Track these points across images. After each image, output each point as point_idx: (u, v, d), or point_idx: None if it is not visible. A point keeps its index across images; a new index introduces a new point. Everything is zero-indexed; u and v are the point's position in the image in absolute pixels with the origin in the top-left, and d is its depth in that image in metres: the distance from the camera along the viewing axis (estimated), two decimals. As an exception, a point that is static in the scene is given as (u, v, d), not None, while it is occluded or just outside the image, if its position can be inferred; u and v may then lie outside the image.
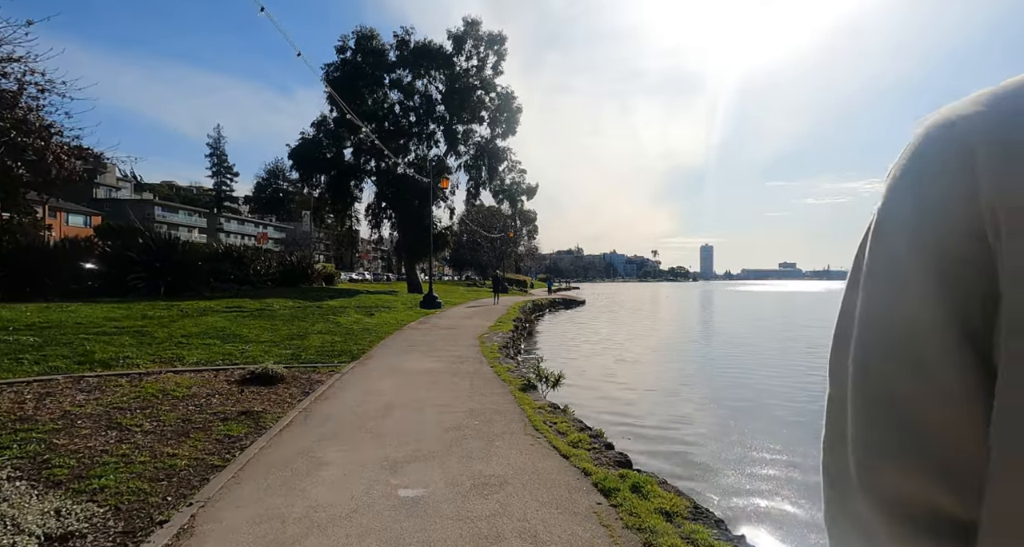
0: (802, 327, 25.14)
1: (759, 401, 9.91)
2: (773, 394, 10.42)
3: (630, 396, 10.13)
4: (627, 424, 8.19)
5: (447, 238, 38.90)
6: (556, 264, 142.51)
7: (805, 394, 10.28)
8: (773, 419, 8.72)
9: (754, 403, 9.77)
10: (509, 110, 40.04)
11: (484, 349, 11.70)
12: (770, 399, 10.00)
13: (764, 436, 7.72)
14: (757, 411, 9.22)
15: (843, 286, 0.47)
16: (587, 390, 10.31)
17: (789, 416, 8.85)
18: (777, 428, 8.18)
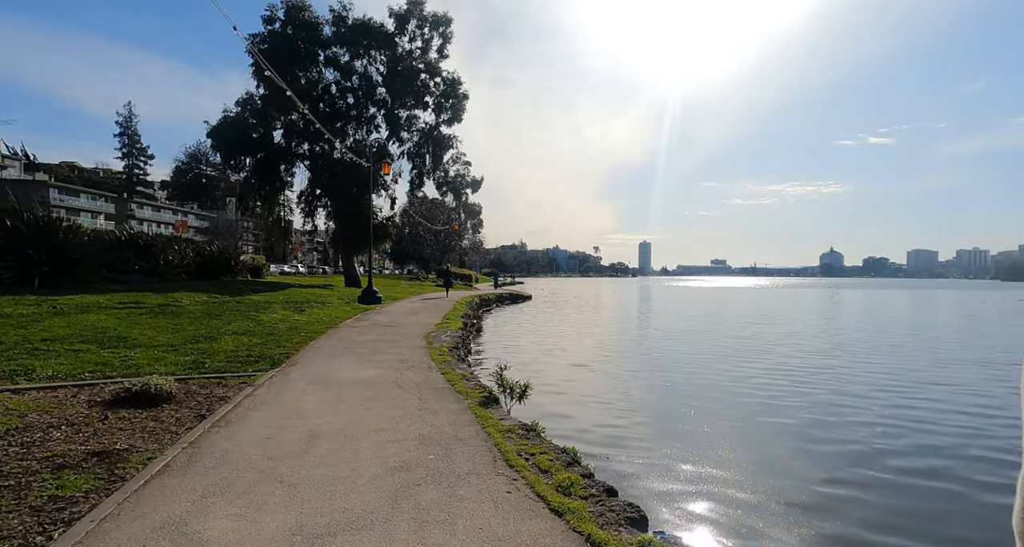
0: (754, 325, 25.33)
1: (730, 408, 9.07)
2: (742, 404, 9.64)
3: (596, 407, 8.99)
4: (601, 441, 7.01)
5: (388, 229, 36.67)
6: (500, 258, 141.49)
7: (798, 406, 9.56)
8: (755, 428, 7.84)
9: (725, 409, 8.91)
10: (455, 96, 38.20)
11: (432, 351, 10.20)
12: (738, 409, 9.19)
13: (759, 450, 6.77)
14: (722, 416, 8.34)
15: (770, 282, 0.40)
16: (549, 397, 9.07)
17: (778, 428, 8.01)
18: (776, 443, 7.27)
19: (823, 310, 37.16)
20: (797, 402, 9.23)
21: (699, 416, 8.25)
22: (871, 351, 15.81)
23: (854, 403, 9.21)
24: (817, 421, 8.06)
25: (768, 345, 16.79)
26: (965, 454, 6.59)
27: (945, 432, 7.53)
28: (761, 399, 9.40)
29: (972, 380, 11.44)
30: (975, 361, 14.02)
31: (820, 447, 6.86)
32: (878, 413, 8.52)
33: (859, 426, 7.77)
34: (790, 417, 8.27)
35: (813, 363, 13.42)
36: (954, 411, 8.67)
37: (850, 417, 8.30)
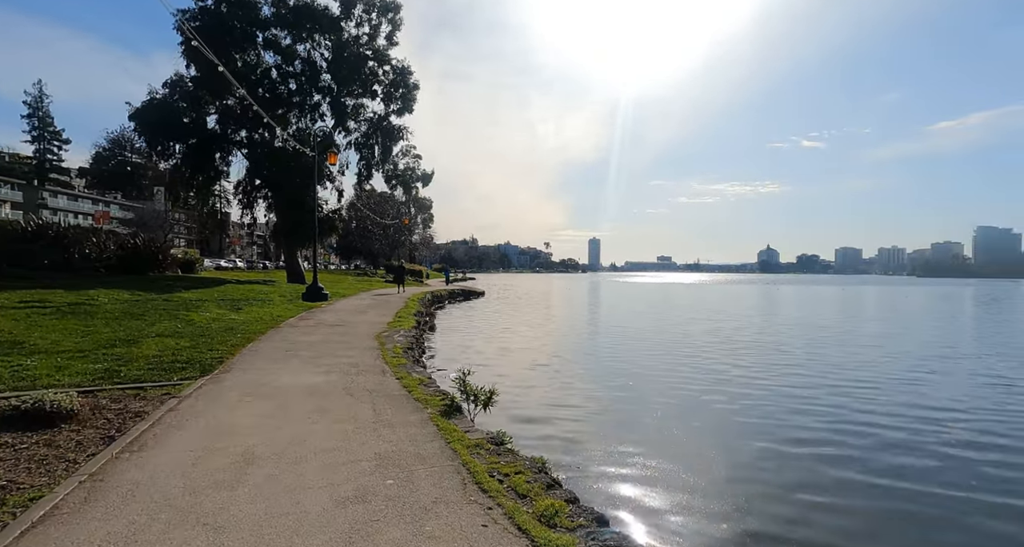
0: (707, 322, 25.87)
1: (695, 409, 8.93)
2: (707, 402, 9.55)
3: (561, 411, 8.59)
4: (571, 448, 6.60)
5: (335, 223, 35.03)
6: (451, 254, 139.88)
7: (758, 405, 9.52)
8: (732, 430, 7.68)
9: (691, 410, 8.76)
10: (406, 86, 36.88)
11: (386, 353, 9.47)
12: (706, 408, 9.07)
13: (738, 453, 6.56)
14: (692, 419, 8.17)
15: (712, 279, 0.37)
16: (511, 401, 8.59)
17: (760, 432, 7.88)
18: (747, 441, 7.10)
19: (784, 307, 38.73)
20: (751, 398, 9.21)
21: (666, 418, 8.01)
22: (846, 350, 16.35)
23: (839, 404, 9.29)
24: (789, 419, 8.01)
25: (724, 342, 17.05)
26: (923, 447, 6.66)
27: (919, 435, 7.64)
28: (725, 399, 9.31)
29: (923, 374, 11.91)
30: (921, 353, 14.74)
31: (796, 449, 6.75)
32: (859, 415, 8.59)
33: (851, 429, 7.76)
34: (749, 415, 8.18)
35: (772, 360, 13.64)
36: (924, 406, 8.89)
37: (838, 417, 8.31)
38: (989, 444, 6.85)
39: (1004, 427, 7.57)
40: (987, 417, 8.12)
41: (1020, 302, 44.00)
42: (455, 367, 11.11)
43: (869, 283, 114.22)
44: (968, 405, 8.86)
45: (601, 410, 8.39)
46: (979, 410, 8.54)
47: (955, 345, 16.72)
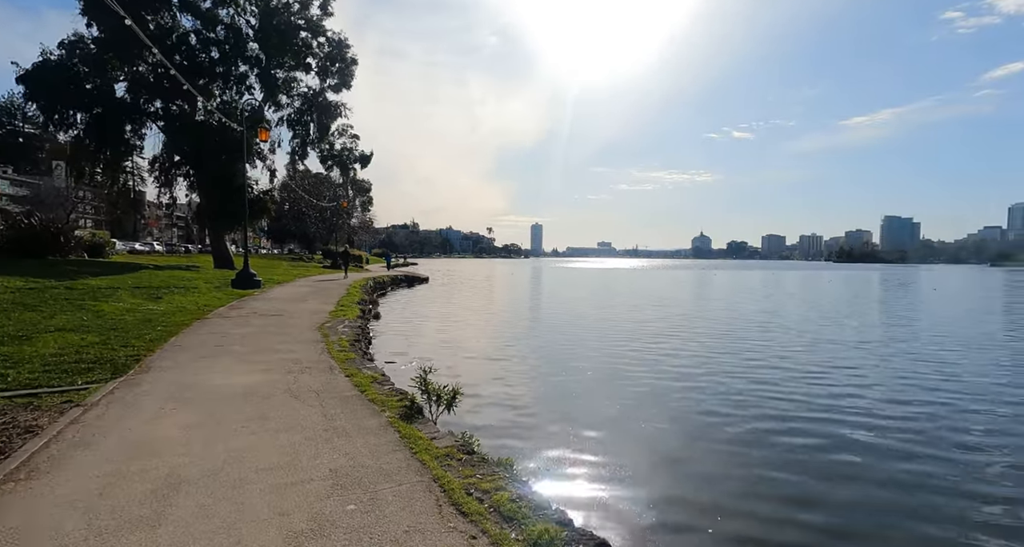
0: (651, 307, 26.38)
1: (659, 403, 8.85)
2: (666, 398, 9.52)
3: (522, 407, 8.23)
4: (539, 448, 6.25)
5: (266, 204, 32.71)
6: (391, 238, 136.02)
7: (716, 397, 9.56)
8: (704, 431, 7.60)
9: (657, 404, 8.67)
10: (343, 60, 34.82)
11: (331, 346, 8.69)
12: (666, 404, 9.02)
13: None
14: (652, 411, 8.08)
15: (650, 264, 0.35)
16: (469, 399, 8.11)
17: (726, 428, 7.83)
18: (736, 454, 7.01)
19: (724, 293, 40.27)
20: (698, 384, 9.27)
21: (631, 410, 7.84)
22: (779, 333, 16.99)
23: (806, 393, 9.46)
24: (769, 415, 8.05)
25: (668, 327, 17.35)
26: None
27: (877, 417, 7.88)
28: (684, 388, 9.30)
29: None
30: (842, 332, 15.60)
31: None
32: (828, 402, 8.77)
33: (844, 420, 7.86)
34: (694, 399, 8.18)
35: (724, 346, 13.93)
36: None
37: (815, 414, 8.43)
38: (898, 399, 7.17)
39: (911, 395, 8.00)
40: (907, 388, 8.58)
41: (911, 288, 48.45)
42: (405, 360, 10.50)
43: (792, 268, 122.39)
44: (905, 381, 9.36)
45: (558, 404, 8.10)
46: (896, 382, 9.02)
47: (879, 329, 17.95)
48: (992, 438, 6.65)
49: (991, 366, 11.23)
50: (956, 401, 8.33)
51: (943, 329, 17.22)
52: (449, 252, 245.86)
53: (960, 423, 7.22)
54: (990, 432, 6.87)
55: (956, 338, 15.12)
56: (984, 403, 8.25)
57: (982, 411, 7.80)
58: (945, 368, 10.80)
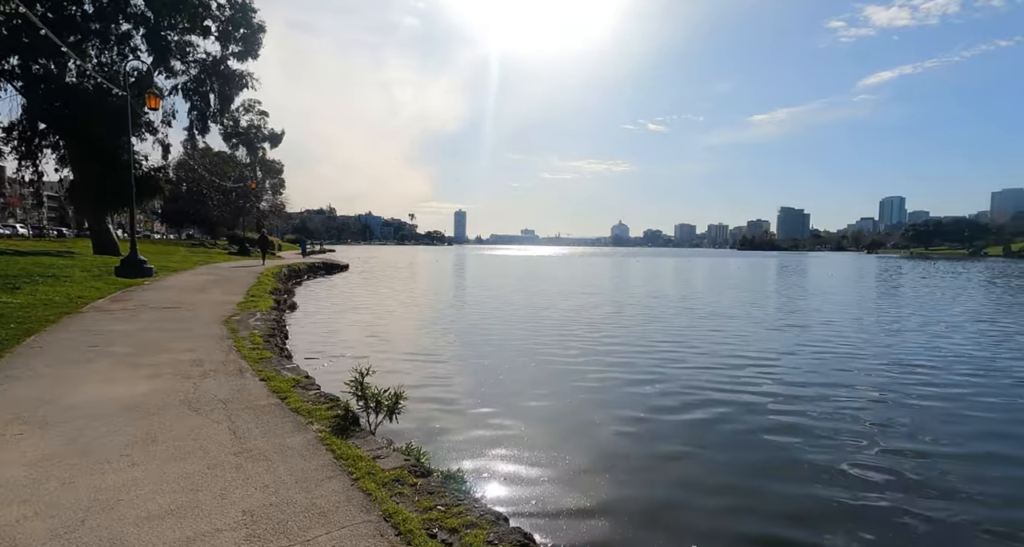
0: (584, 295, 26.42)
1: (589, 394, 8.51)
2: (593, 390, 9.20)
3: (466, 410, 7.53)
4: (490, 457, 5.59)
5: (159, 183, 29.03)
6: (306, 224, 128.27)
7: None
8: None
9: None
10: (248, 25, 31.46)
11: (240, 343, 7.43)
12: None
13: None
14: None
15: (572, 251, 0.36)
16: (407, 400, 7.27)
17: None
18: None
19: (648, 279, 41.42)
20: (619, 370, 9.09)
21: (579, 405, 7.39)
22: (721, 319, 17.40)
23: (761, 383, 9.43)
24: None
25: (602, 316, 17.32)
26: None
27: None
28: (625, 381, 9.03)
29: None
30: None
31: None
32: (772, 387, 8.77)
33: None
34: (640, 392, 7.95)
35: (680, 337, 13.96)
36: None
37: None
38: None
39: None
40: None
41: (811, 275, 53.20)
42: (329, 357, 9.38)
43: (703, 255, 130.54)
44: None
45: (502, 401, 7.49)
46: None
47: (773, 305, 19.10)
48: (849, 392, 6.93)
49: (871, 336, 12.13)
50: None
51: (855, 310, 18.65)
52: (369, 239, 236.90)
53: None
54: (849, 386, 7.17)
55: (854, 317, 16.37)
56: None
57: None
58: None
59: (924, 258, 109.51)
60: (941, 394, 7.86)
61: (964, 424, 6.50)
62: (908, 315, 17.26)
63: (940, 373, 9.12)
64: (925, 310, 18.53)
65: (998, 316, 17.09)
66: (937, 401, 7.50)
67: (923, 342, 12.22)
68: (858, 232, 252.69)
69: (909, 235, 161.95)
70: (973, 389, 8.09)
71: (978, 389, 8.09)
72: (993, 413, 6.95)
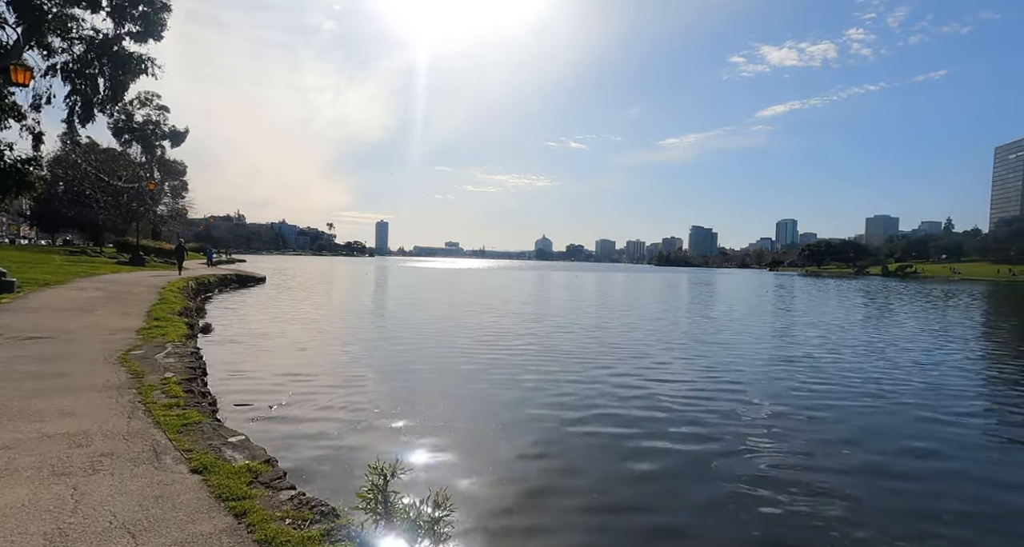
0: (522, 313, 25.12)
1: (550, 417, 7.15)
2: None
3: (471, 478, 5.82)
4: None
5: (28, 178, 24.10)
6: (210, 231, 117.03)
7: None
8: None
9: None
10: (149, 2, 27.46)
11: (149, 396, 5.18)
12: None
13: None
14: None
15: (497, 264, 0.36)
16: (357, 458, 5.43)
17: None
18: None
19: (576, 292, 40.83)
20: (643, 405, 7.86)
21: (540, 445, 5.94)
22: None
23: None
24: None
25: (546, 329, 16.08)
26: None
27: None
28: (579, 405, 7.73)
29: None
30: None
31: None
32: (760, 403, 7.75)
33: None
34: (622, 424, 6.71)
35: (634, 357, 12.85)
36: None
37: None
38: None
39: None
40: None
41: (711, 288, 56.03)
42: (267, 403, 7.17)
43: (621, 270, 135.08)
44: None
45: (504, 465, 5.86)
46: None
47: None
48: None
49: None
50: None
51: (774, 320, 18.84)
52: (283, 248, 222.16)
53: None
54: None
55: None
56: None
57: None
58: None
59: (816, 276, 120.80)
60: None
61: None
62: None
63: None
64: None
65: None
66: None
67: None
68: (760, 251, 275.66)
69: (805, 254, 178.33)
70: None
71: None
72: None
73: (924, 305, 32.30)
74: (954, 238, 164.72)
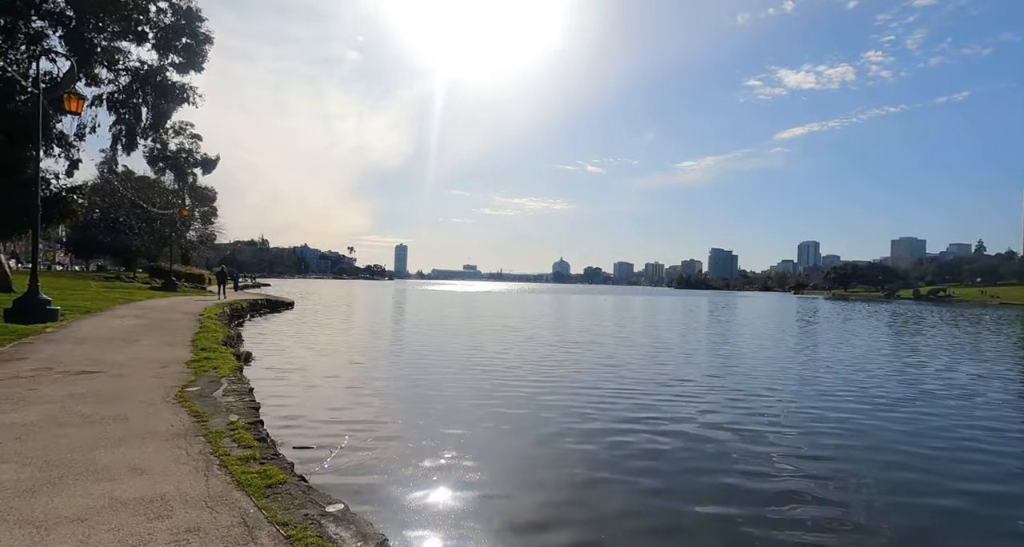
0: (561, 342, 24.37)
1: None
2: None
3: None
4: None
5: (71, 205, 24.52)
6: (236, 256, 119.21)
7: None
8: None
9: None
10: (192, 34, 28.25)
11: (220, 445, 4.63)
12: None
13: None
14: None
15: (516, 288, 0.35)
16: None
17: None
18: None
19: (618, 319, 39.97)
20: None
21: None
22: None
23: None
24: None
25: (587, 367, 15.31)
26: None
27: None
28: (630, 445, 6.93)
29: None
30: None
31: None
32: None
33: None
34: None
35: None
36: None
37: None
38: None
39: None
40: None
41: (733, 310, 54.43)
42: (328, 445, 6.59)
43: (640, 293, 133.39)
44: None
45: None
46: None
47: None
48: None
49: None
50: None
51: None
52: (305, 272, 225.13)
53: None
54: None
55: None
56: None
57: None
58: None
59: (844, 299, 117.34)
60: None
61: None
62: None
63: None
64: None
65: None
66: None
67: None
68: (782, 273, 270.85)
69: (830, 277, 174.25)
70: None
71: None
72: None
73: (999, 335, 30.47)
74: (988, 261, 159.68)
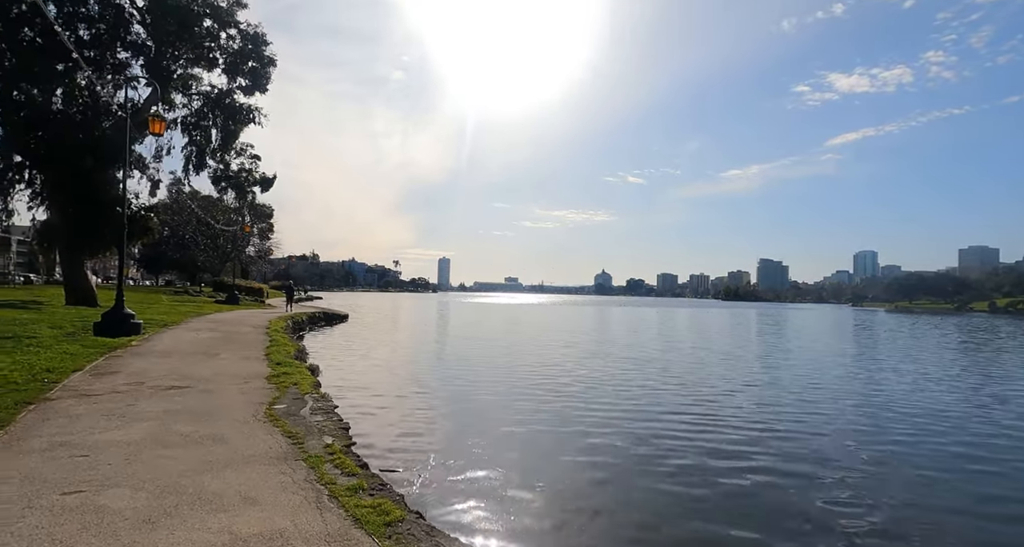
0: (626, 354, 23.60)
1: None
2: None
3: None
4: None
5: (149, 223, 25.93)
6: (289, 270, 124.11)
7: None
8: None
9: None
10: (258, 58, 29.56)
11: (323, 472, 4.41)
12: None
13: None
14: None
15: (558, 300, 0.33)
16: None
17: None
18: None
19: (674, 331, 38.87)
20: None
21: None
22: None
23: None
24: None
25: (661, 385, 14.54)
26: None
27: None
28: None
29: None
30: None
31: None
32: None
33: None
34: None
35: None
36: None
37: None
38: None
39: None
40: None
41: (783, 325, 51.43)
42: (415, 463, 6.35)
43: (693, 306, 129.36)
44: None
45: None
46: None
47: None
48: None
49: None
50: None
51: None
52: (352, 285, 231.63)
53: None
54: None
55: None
56: None
57: None
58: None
59: (908, 311, 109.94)
60: None
61: None
62: None
63: None
64: None
65: None
66: None
67: None
68: (837, 285, 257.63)
69: (893, 288, 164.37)
70: None
71: None
72: None
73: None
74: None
